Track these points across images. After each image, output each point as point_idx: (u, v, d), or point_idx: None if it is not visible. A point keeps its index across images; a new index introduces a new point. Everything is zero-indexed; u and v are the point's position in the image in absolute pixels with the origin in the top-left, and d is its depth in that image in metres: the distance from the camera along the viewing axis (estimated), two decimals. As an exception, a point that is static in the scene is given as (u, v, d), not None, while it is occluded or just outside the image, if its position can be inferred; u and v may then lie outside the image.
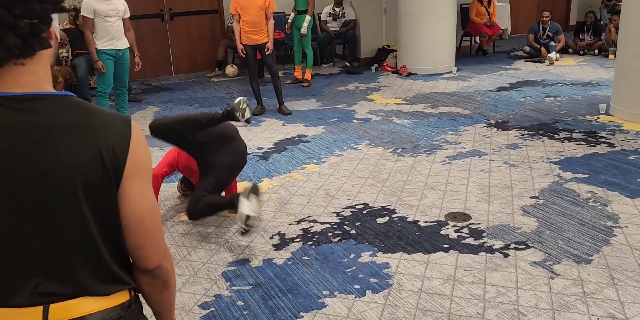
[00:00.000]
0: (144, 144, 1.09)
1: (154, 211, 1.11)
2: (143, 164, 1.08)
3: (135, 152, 1.06)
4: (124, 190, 1.05)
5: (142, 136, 1.10)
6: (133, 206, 1.06)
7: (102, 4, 5.10)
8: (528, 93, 6.42)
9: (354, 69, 8.34)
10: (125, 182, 1.05)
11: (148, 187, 1.09)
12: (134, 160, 1.05)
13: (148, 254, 1.11)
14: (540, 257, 2.88)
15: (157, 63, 8.48)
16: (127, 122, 1.08)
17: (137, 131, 1.09)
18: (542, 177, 3.93)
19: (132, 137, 1.06)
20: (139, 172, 1.06)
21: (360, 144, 4.84)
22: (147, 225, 1.09)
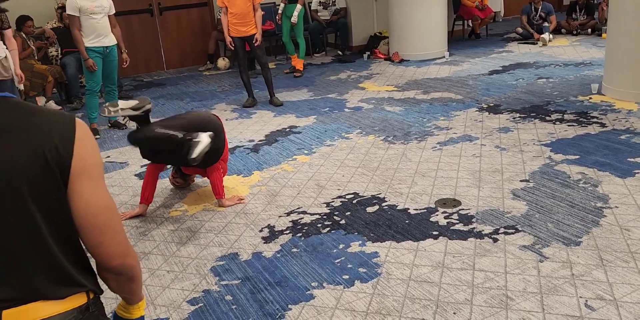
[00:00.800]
0: (90, 141, 1.08)
1: (107, 208, 1.09)
2: (91, 161, 1.06)
3: (81, 151, 1.04)
4: (73, 189, 1.04)
5: (88, 134, 1.09)
6: (84, 205, 1.05)
7: (86, 2, 5.06)
8: (520, 75, 6.38)
9: (346, 58, 8.29)
10: (74, 181, 1.04)
11: (99, 185, 1.08)
12: (80, 158, 1.04)
13: (108, 253, 1.10)
14: (530, 240, 2.88)
15: (149, 58, 8.45)
16: (70, 121, 1.07)
17: (82, 129, 1.07)
18: (532, 160, 3.91)
19: (77, 135, 1.05)
20: (87, 170, 1.05)
21: (352, 133, 4.82)
22: (102, 223, 1.08)
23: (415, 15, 7.58)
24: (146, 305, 2.51)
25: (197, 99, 6.57)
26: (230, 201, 3.57)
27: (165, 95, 6.91)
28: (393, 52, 7.86)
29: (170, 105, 6.38)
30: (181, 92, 7.01)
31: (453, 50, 8.06)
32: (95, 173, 1.07)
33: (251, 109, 5.93)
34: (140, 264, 2.89)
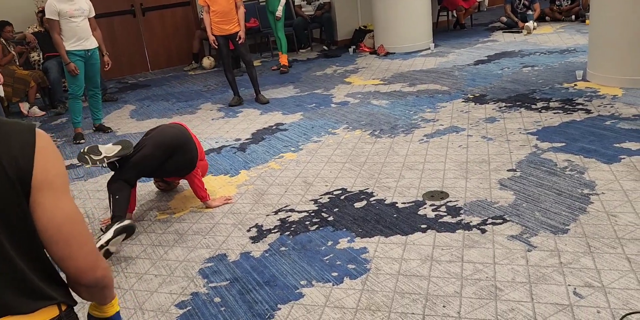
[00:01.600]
0: (52, 151, 1.05)
1: (72, 219, 1.06)
2: (53, 172, 1.03)
3: (42, 162, 1.01)
4: (35, 201, 1.01)
5: (49, 143, 1.06)
6: (48, 217, 1.02)
7: (65, 5, 5.00)
8: (506, 64, 6.37)
9: (332, 52, 8.26)
10: (36, 193, 1.01)
11: (63, 196, 1.05)
12: (41, 170, 1.01)
13: (76, 266, 1.07)
14: (517, 230, 2.87)
15: (133, 60, 8.38)
16: (30, 131, 1.03)
17: (42, 139, 1.04)
18: (519, 149, 3.91)
19: (38, 146, 1.02)
20: (48, 181, 1.02)
21: (338, 128, 4.80)
22: (67, 235, 1.04)
23: (400, 7, 7.55)
24: (134, 311, 2.49)
25: (183, 99, 6.53)
26: (217, 202, 3.55)
27: (150, 96, 6.86)
28: (378, 45, 7.84)
29: (156, 106, 6.33)
30: (166, 92, 6.96)
31: (438, 41, 8.05)
32: (57, 184, 1.04)
33: (237, 107, 5.89)
34: (128, 269, 2.88)
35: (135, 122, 5.77)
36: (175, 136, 3.41)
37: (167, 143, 3.34)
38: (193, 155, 3.42)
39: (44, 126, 6.08)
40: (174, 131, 3.46)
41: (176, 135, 3.42)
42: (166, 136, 3.39)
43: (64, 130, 5.78)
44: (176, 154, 3.34)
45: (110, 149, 3.24)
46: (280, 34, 7.24)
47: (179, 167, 3.37)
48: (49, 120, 6.33)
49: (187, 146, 3.42)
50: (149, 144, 3.33)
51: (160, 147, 3.31)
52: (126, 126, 5.66)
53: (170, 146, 3.34)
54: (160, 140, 3.35)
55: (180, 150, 3.36)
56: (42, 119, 6.39)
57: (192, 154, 3.43)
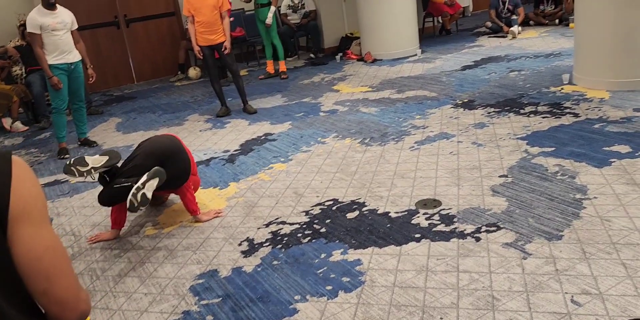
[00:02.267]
0: (29, 180, 0.98)
1: (52, 251, 1.00)
2: (32, 202, 0.97)
3: (19, 191, 0.95)
4: (13, 234, 0.95)
5: (26, 171, 0.99)
6: (26, 249, 0.96)
7: (47, 18, 4.93)
8: (492, 69, 6.39)
9: (319, 60, 8.24)
10: (13, 225, 0.94)
11: (42, 226, 0.99)
12: (19, 201, 0.95)
13: (58, 300, 1.00)
14: (512, 237, 2.84)
15: (118, 72, 8.31)
16: (5, 160, 0.97)
17: (19, 168, 0.98)
18: (510, 154, 3.89)
19: (14, 175, 0.95)
20: (26, 212, 0.96)
21: (328, 137, 4.76)
22: (47, 268, 0.98)
23: (385, 14, 7.56)
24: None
25: (170, 110, 6.46)
26: (207, 215, 3.49)
27: (136, 108, 6.78)
28: (365, 52, 7.84)
29: (142, 118, 6.26)
30: (153, 104, 6.89)
31: (425, 47, 8.07)
32: (36, 214, 0.98)
33: (225, 118, 5.84)
34: (116, 288, 2.80)
35: (121, 135, 5.69)
36: (166, 145, 3.37)
37: (159, 152, 3.29)
38: (186, 166, 3.37)
39: (28, 141, 5.99)
40: (165, 141, 3.42)
41: (168, 145, 3.38)
42: (157, 146, 3.35)
43: (48, 145, 5.69)
44: (168, 163, 3.28)
45: (97, 159, 3.18)
46: (276, 41, 7.23)
47: (171, 177, 3.30)
48: (32, 135, 6.23)
49: (179, 155, 3.37)
50: (140, 155, 3.27)
51: (152, 157, 3.25)
52: (112, 139, 5.58)
53: (163, 155, 3.28)
54: (152, 150, 3.30)
55: (172, 160, 3.30)
56: (25, 134, 6.29)
57: (184, 164, 3.38)
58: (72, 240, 3.46)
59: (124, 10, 8.19)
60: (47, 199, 4.21)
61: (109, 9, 8.10)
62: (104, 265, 3.07)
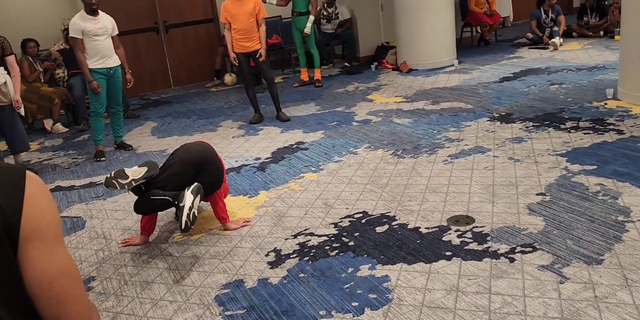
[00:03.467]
0: (44, 198, 0.95)
1: (66, 274, 0.95)
2: (45, 221, 0.93)
3: (31, 210, 0.91)
4: (23, 254, 0.91)
5: (41, 189, 0.96)
6: (38, 271, 0.92)
7: (89, 23, 5.05)
8: (532, 82, 6.23)
9: (354, 69, 8.20)
10: (24, 245, 0.91)
11: (55, 247, 0.95)
12: (30, 219, 0.91)
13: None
14: (548, 259, 2.73)
15: (156, 77, 8.45)
16: (18, 176, 0.93)
17: (33, 184, 0.93)
18: (548, 171, 3.76)
19: (27, 193, 0.92)
20: (39, 232, 0.92)
21: (360, 148, 4.71)
22: (59, 292, 0.94)
23: (423, 23, 7.48)
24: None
25: (204, 116, 6.52)
26: (236, 224, 3.48)
27: (172, 113, 6.87)
28: (401, 61, 7.76)
29: (177, 123, 6.33)
30: (188, 109, 6.97)
31: (462, 57, 7.94)
32: (49, 234, 0.94)
33: (258, 125, 5.85)
34: (143, 294, 2.81)
35: (155, 140, 5.76)
36: (202, 153, 3.36)
37: (195, 161, 3.29)
38: (220, 174, 3.37)
39: (67, 143, 6.12)
40: (200, 148, 3.42)
41: (203, 152, 3.38)
42: (193, 153, 3.34)
43: (86, 147, 5.80)
44: (203, 171, 3.28)
45: (136, 171, 3.18)
46: (313, 50, 7.24)
47: (206, 185, 3.29)
48: (71, 137, 6.38)
49: (214, 164, 3.36)
50: (176, 163, 3.28)
51: (188, 165, 3.26)
52: (147, 144, 5.65)
53: (198, 163, 3.28)
54: (187, 158, 3.30)
55: (207, 168, 3.30)
56: (64, 136, 6.43)
57: (219, 172, 3.38)
58: (102, 243, 3.50)
59: (164, 16, 8.34)
60: (82, 201, 4.28)
61: (150, 15, 8.26)
62: (132, 271, 3.09)
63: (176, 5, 8.37)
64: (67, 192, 4.52)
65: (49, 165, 5.33)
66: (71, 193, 4.48)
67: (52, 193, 4.51)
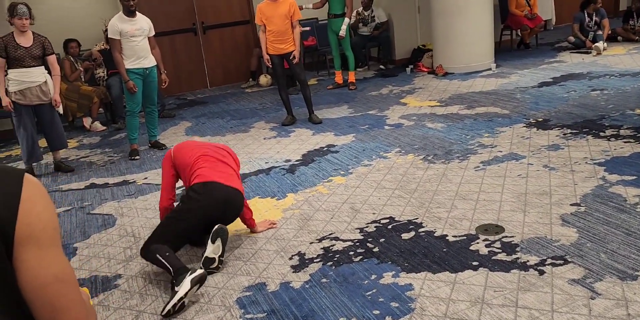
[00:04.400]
0: (41, 202, 0.94)
1: (60, 279, 0.94)
2: (40, 225, 0.93)
3: (27, 214, 0.91)
4: (18, 258, 0.91)
5: (39, 192, 0.95)
6: (31, 276, 0.92)
7: (126, 25, 5.16)
8: (572, 87, 6.04)
9: (389, 72, 8.13)
10: (19, 249, 0.90)
11: (50, 252, 0.94)
12: (26, 223, 0.91)
13: None
14: (580, 273, 2.63)
15: (192, 77, 8.57)
16: (15, 180, 0.93)
17: (31, 188, 0.93)
18: (584, 181, 3.63)
19: (24, 197, 0.91)
20: (34, 236, 0.92)
21: (390, 152, 4.65)
22: (53, 297, 0.93)
23: (460, 26, 7.35)
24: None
25: (238, 117, 6.57)
26: (262, 226, 3.48)
27: (206, 113, 6.96)
28: (437, 65, 7.65)
29: (211, 124, 6.40)
30: (222, 110, 7.04)
31: (500, 61, 7.77)
32: (44, 239, 0.93)
33: (290, 127, 5.86)
34: (167, 293, 2.83)
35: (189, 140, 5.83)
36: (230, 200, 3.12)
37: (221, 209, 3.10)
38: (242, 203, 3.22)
39: (104, 141, 6.27)
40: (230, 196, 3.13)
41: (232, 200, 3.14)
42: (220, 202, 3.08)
43: (122, 145, 5.93)
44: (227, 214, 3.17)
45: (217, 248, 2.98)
46: (349, 52, 7.22)
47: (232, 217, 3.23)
48: (108, 135, 6.53)
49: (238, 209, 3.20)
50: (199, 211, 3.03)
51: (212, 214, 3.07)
52: (180, 143, 5.73)
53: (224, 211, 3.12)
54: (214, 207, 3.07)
55: (232, 213, 3.19)
56: (102, 134, 6.59)
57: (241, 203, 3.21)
58: (131, 241, 3.56)
59: (201, 17, 8.46)
60: (114, 198, 4.37)
61: (188, 16, 8.39)
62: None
63: (214, 6, 8.48)
64: (101, 189, 4.63)
65: (85, 163, 5.47)
66: (104, 190, 4.58)
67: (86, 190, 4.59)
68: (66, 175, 5.11)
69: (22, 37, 4.74)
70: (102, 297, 2.92)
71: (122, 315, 2.73)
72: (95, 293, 2.98)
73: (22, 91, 4.77)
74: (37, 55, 4.79)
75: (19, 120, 4.89)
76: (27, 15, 4.66)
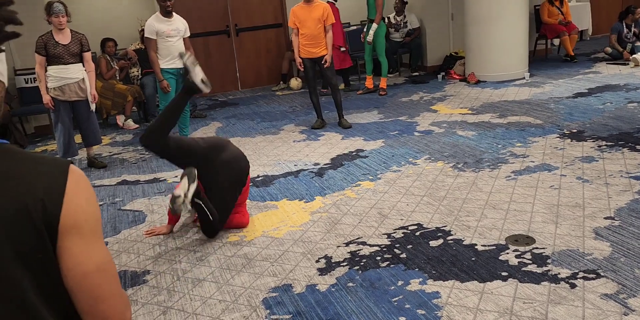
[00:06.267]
0: (84, 193, 0.97)
1: (101, 268, 0.97)
2: (83, 216, 0.95)
3: (71, 205, 0.93)
4: (62, 247, 0.93)
5: (83, 184, 0.98)
6: (73, 265, 0.94)
7: (163, 25, 5.26)
8: (608, 99, 5.92)
9: (420, 78, 8.10)
10: (62, 238, 0.93)
11: (92, 242, 0.97)
12: (70, 213, 0.93)
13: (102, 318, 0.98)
14: (613, 288, 2.57)
15: (224, 78, 8.68)
16: (62, 171, 0.96)
17: (75, 179, 0.96)
18: (619, 194, 3.55)
19: (69, 188, 0.94)
20: (77, 226, 0.94)
21: (420, 159, 4.63)
22: (93, 285, 0.96)
23: (494, 34, 7.28)
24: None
25: (268, 119, 6.62)
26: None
27: (237, 115, 7.03)
28: (469, 72, 7.58)
29: (241, 125, 6.46)
30: (253, 112, 7.10)
31: (534, 70, 7.66)
32: (87, 229, 0.96)
33: (319, 130, 5.88)
34: (194, 291, 2.87)
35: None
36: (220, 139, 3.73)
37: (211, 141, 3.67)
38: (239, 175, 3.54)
39: (136, 138, 6.38)
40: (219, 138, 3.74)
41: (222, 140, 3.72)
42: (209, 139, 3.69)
43: (153, 143, 6.01)
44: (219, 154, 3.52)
45: (184, 185, 3.22)
46: (382, 58, 7.21)
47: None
48: (141, 133, 6.63)
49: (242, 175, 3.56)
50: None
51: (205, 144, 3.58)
52: (210, 143, 5.79)
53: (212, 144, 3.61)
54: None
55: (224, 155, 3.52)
56: (135, 132, 6.71)
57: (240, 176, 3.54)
58: (160, 238, 3.61)
59: (235, 19, 8.56)
60: (145, 195, 4.44)
61: (222, 19, 8.50)
62: (186, 267, 3.16)
63: (247, 9, 8.57)
64: (132, 186, 4.71)
65: (117, 159, 5.58)
66: (136, 187, 4.66)
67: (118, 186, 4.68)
68: (99, 171, 5.22)
69: (61, 35, 4.86)
70: (131, 291, 2.97)
71: (150, 310, 2.77)
72: (124, 288, 3.03)
73: (61, 87, 4.90)
74: (75, 52, 4.91)
75: (57, 116, 5.01)
76: (64, 12, 4.78)
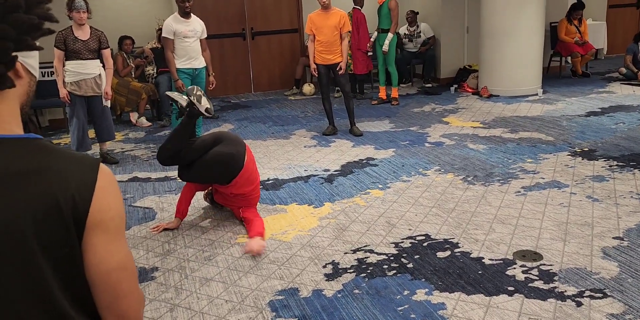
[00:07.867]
0: (112, 191, 1.00)
1: (123, 266, 0.99)
2: (110, 214, 0.98)
3: (100, 202, 0.96)
4: (87, 242, 0.96)
5: (111, 182, 1.01)
6: (97, 260, 0.97)
7: (181, 25, 5.32)
8: (621, 119, 5.92)
9: (432, 90, 8.12)
10: (89, 233, 0.96)
11: (116, 240, 0.99)
12: (98, 210, 0.96)
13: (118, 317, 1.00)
14: (620, 308, 2.57)
15: (238, 80, 8.73)
16: (92, 168, 0.98)
17: (105, 177, 0.99)
18: (629, 215, 3.55)
19: (98, 185, 0.97)
20: (104, 223, 0.97)
21: (430, 170, 4.64)
22: (114, 282, 0.98)
23: (509, 48, 7.30)
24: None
25: (279, 123, 6.66)
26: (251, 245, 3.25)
27: (249, 117, 7.07)
28: (482, 86, 7.60)
29: (252, 127, 6.50)
30: (265, 115, 7.14)
31: (548, 87, 7.67)
32: (112, 227, 0.98)
33: (331, 137, 5.90)
34: (201, 290, 2.89)
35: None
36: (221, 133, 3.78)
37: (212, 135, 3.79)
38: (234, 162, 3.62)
39: (148, 136, 6.43)
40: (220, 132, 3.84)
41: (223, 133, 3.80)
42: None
43: (165, 142, 6.06)
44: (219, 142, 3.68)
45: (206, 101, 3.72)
46: (391, 68, 7.25)
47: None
48: (153, 131, 6.69)
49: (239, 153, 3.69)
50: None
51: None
52: (222, 144, 5.83)
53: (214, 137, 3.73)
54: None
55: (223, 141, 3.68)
56: (147, 130, 6.76)
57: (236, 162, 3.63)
58: (169, 236, 3.64)
59: (251, 23, 8.63)
60: (155, 193, 4.47)
61: (238, 22, 8.57)
62: (194, 266, 3.19)
63: (264, 13, 8.64)
64: (143, 183, 4.75)
65: (129, 156, 5.62)
66: (147, 185, 4.70)
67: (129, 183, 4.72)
68: (111, 167, 5.26)
69: (80, 31, 4.92)
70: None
71: (157, 306, 2.79)
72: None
73: (77, 82, 4.96)
74: (94, 49, 4.97)
75: (73, 110, 5.07)
76: (85, 8, 4.84)
